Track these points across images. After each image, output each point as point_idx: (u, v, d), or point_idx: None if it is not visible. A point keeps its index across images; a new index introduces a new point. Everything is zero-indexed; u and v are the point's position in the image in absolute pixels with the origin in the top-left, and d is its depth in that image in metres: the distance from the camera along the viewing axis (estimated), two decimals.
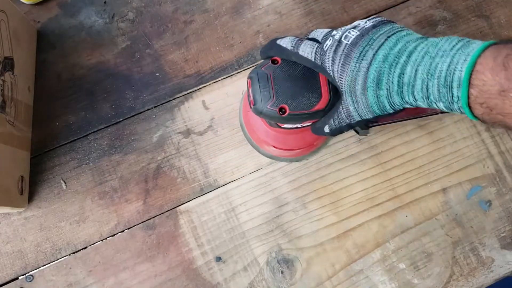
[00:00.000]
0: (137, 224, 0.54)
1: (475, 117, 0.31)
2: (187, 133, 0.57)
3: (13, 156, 0.51)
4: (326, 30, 0.39)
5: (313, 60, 0.38)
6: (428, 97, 0.32)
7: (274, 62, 0.41)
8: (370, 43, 0.35)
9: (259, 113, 0.41)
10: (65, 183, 0.55)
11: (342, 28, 0.37)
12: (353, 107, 0.37)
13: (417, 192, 0.55)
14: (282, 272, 0.53)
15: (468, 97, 0.30)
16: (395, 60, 0.33)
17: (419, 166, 0.55)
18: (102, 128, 0.57)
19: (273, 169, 0.55)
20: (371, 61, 0.34)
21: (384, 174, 0.55)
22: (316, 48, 0.38)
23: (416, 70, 0.32)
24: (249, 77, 0.41)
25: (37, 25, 0.60)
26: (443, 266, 0.53)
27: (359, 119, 0.38)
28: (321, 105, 0.40)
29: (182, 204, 0.55)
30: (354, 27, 0.36)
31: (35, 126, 0.57)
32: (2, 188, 0.49)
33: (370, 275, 0.53)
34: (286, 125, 0.45)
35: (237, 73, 0.58)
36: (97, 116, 0.57)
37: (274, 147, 0.51)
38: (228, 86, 0.58)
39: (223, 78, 0.58)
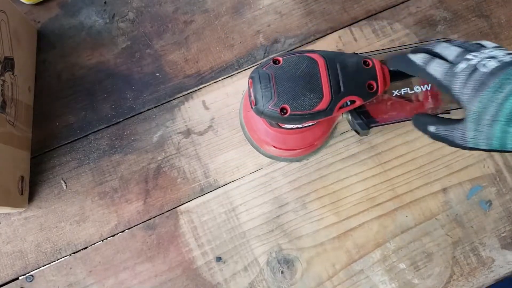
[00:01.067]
0: (137, 224, 0.54)
1: None
2: (187, 133, 0.57)
3: (13, 156, 0.51)
4: (459, 49, 0.38)
5: (439, 79, 0.37)
6: None
7: (275, 62, 0.41)
8: (509, 77, 0.34)
9: (261, 113, 0.41)
10: (65, 183, 0.55)
11: (477, 52, 0.37)
12: (472, 135, 0.36)
13: (417, 192, 0.55)
14: (282, 272, 0.53)
15: None
16: None
17: (419, 166, 0.55)
18: (102, 128, 0.57)
19: (273, 169, 0.55)
20: (508, 95, 0.33)
21: (384, 174, 0.55)
22: (447, 69, 0.37)
23: None
24: (251, 77, 0.41)
25: (37, 25, 0.60)
26: (443, 266, 0.53)
27: (472, 145, 0.37)
28: (322, 105, 0.40)
29: (182, 204, 0.55)
30: (492, 57, 0.36)
31: (35, 126, 0.57)
32: (2, 188, 0.49)
33: (370, 275, 0.53)
34: (287, 125, 0.45)
35: (237, 73, 0.58)
36: (97, 116, 0.57)
37: (275, 147, 0.51)
38: (228, 86, 0.58)
39: (223, 78, 0.58)
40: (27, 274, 0.53)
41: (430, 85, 0.50)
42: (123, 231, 0.54)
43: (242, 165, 0.56)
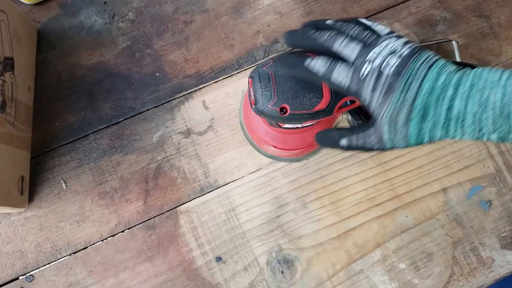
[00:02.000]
0: (137, 224, 0.54)
1: None
2: (187, 133, 0.57)
3: (13, 156, 0.51)
4: (358, 46, 0.37)
5: (346, 87, 0.37)
6: (480, 130, 0.33)
7: None
8: (413, 73, 0.35)
9: (260, 113, 0.41)
10: (65, 183, 0.55)
11: (376, 47, 0.36)
12: (388, 136, 0.36)
13: (417, 192, 0.55)
14: (282, 272, 0.53)
15: None
16: (441, 93, 0.34)
17: (419, 166, 0.55)
18: (102, 128, 0.57)
19: (273, 169, 0.55)
20: (416, 93, 0.34)
21: (384, 174, 0.55)
22: (352, 75, 0.36)
23: (466, 104, 0.33)
24: (250, 77, 0.41)
25: (37, 25, 0.60)
26: (443, 266, 0.53)
27: (390, 146, 0.37)
28: (322, 105, 0.40)
29: (182, 204, 0.55)
30: (392, 53, 0.36)
31: (35, 126, 0.57)
32: (2, 188, 0.49)
33: (370, 275, 0.53)
34: (286, 125, 0.45)
35: (237, 73, 0.58)
36: (97, 116, 0.57)
37: (274, 147, 0.51)
38: (228, 86, 0.58)
39: (223, 78, 0.58)
40: (27, 274, 0.53)
41: None
42: (123, 231, 0.54)
43: (242, 165, 0.56)
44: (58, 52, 0.59)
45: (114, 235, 0.54)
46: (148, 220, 0.54)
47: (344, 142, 0.39)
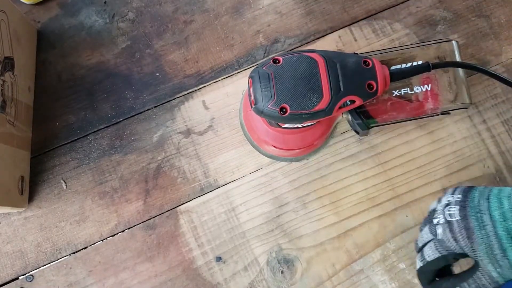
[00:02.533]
0: (137, 224, 0.54)
1: None
2: (187, 133, 0.57)
3: (13, 156, 0.51)
4: (425, 229, 0.42)
5: (439, 255, 0.40)
6: None
7: (275, 61, 0.41)
8: (477, 209, 0.37)
9: (260, 112, 0.41)
10: (65, 183, 0.55)
11: (433, 212, 0.41)
12: (496, 273, 0.37)
13: (417, 192, 0.55)
14: (282, 272, 0.53)
15: None
16: (505, 214, 0.36)
17: (419, 166, 0.55)
18: (102, 128, 0.57)
19: (273, 169, 0.55)
20: (492, 223, 0.36)
21: (384, 174, 0.55)
22: (434, 244, 0.40)
23: None
24: (250, 76, 0.41)
25: (37, 25, 0.60)
26: None
27: (503, 281, 0.38)
28: (322, 105, 0.40)
29: (182, 204, 0.55)
30: (447, 205, 0.39)
31: (35, 126, 0.57)
32: (2, 188, 0.49)
33: (370, 275, 0.53)
34: (286, 125, 0.45)
35: (237, 73, 0.58)
36: (97, 116, 0.57)
37: (274, 146, 0.51)
38: (228, 86, 0.58)
39: (223, 78, 0.58)
40: (27, 274, 0.53)
41: (430, 85, 0.50)
42: (123, 231, 0.54)
43: (242, 165, 0.56)
44: (58, 52, 0.59)
45: (114, 235, 0.54)
46: (148, 220, 0.54)
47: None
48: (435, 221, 0.41)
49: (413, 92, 0.50)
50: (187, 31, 0.60)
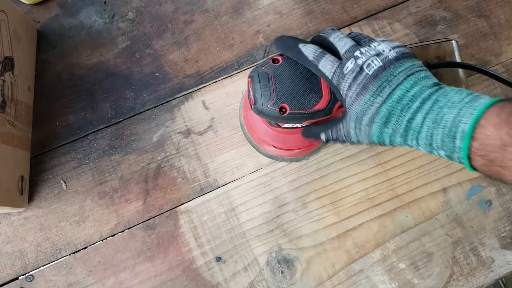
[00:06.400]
0: (137, 224, 0.54)
1: (473, 167, 0.33)
2: (187, 133, 0.57)
3: (13, 156, 0.51)
4: (351, 43, 0.39)
5: (330, 78, 0.38)
6: (430, 144, 0.34)
7: (274, 61, 0.41)
8: (389, 79, 0.36)
9: (260, 112, 0.41)
10: (65, 183, 0.55)
11: (366, 49, 0.37)
12: (354, 132, 0.38)
13: (417, 192, 0.55)
14: (282, 272, 0.53)
15: (470, 149, 0.31)
16: (408, 104, 0.35)
17: (419, 166, 0.55)
18: (102, 128, 0.57)
19: (273, 169, 0.55)
20: (385, 98, 0.35)
21: (384, 174, 0.55)
22: (336, 68, 0.38)
23: (425, 118, 0.34)
24: (250, 76, 0.41)
25: (37, 25, 0.60)
26: (443, 266, 0.53)
27: (355, 141, 0.39)
28: (321, 104, 0.40)
29: (182, 204, 0.55)
30: (378, 55, 0.37)
31: (35, 126, 0.57)
32: (2, 188, 0.49)
33: (370, 275, 0.53)
34: (286, 125, 0.45)
35: (237, 73, 0.58)
36: (97, 116, 0.57)
37: (274, 146, 0.51)
38: (228, 86, 0.58)
39: (223, 78, 0.58)
40: (27, 274, 0.53)
41: None
42: (123, 231, 0.54)
43: (242, 165, 0.56)
44: (58, 52, 0.59)
45: (114, 235, 0.54)
46: (148, 220, 0.54)
47: (323, 137, 0.42)
48: (358, 52, 0.37)
49: None
50: (187, 31, 0.60)
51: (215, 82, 0.58)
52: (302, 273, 0.53)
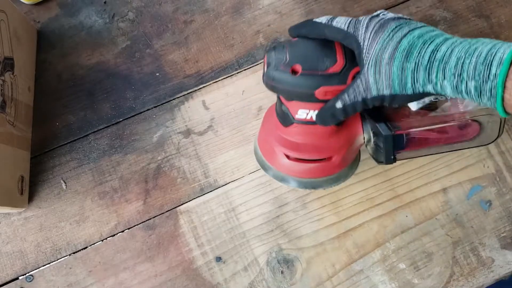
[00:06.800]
0: (137, 224, 0.54)
1: (503, 104, 0.31)
2: (187, 133, 0.57)
3: (13, 156, 0.51)
4: (351, 18, 0.39)
5: (345, 29, 0.38)
6: (460, 74, 0.32)
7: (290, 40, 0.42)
8: (407, 22, 0.35)
9: (271, 78, 0.40)
10: (65, 183, 0.55)
11: (377, 13, 0.38)
12: (373, 78, 0.36)
13: (417, 192, 0.55)
14: (282, 272, 0.53)
15: (507, 75, 0.30)
16: (430, 39, 0.34)
17: (419, 166, 0.55)
18: (102, 128, 0.57)
19: None
20: (406, 34, 0.35)
21: (384, 174, 0.55)
22: (351, 20, 0.38)
23: (452, 50, 0.33)
24: (266, 51, 0.42)
25: (37, 25, 0.60)
26: (443, 266, 0.53)
27: (375, 94, 0.37)
28: (336, 68, 0.39)
29: (182, 204, 0.55)
30: (392, 17, 0.37)
31: (35, 126, 0.57)
32: (2, 188, 0.49)
33: (370, 275, 0.53)
34: (300, 114, 0.43)
35: (237, 73, 0.58)
36: (97, 116, 0.57)
37: (297, 160, 0.46)
38: (228, 86, 0.58)
39: (223, 78, 0.58)
40: (27, 274, 0.53)
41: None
42: (123, 231, 0.54)
43: (242, 165, 0.56)
44: (58, 52, 0.59)
45: (114, 235, 0.54)
46: (148, 220, 0.54)
47: (339, 104, 0.39)
48: (371, 15, 0.39)
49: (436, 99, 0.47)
50: (187, 31, 0.60)
51: (215, 82, 0.58)
52: (302, 273, 0.53)
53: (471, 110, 0.46)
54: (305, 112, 0.43)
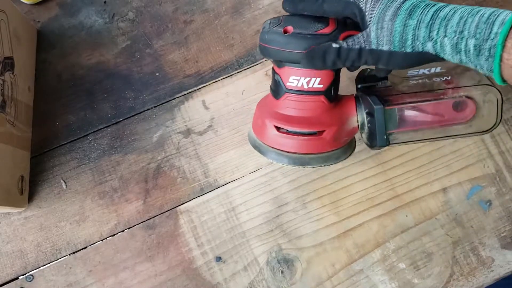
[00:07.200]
0: (137, 224, 0.54)
1: (500, 66, 0.31)
2: (187, 133, 0.57)
3: (13, 156, 0.51)
4: None
5: None
6: (461, 32, 0.33)
7: None
8: None
9: (264, 38, 0.42)
10: (65, 183, 0.55)
11: None
12: (375, 33, 0.37)
13: (417, 191, 0.55)
14: (282, 272, 0.53)
15: (507, 35, 0.30)
16: (434, 2, 0.35)
17: (419, 166, 0.55)
18: (102, 128, 0.57)
19: (273, 168, 0.55)
20: None
21: (384, 173, 0.55)
22: None
23: (456, 11, 0.34)
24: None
25: (37, 25, 0.60)
26: (443, 266, 0.53)
27: (374, 47, 0.37)
28: (327, 30, 0.41)
29: (182, 204, 0.55)
30: None
31: (35, 126, 0.57)
32: (2, 188, 0.49)
33: (370, 275, 0.53)
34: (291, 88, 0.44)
35: (237, 73, 0.58)
36: (97, 116, 0.57)
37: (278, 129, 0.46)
38: (228, 86, 0.58)
39: (223, 78, 0.58)
40: (27, 274, 0.53)
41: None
42: (123, 231, 0.54)
43: (242, 164, 0.56)
44: (58, 52, 0.59)
45: (114, 235, 0.54)
46: (148, 220, 0.54)
47: (335, 44, 0.39)
48: None
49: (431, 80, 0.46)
50: (187, 31, 0.60)
51: (215, 82, 0.58)
52: (302, 273, 0.53)
53: (465, 86, 0.45)
54: (296, 79, 0.43)
